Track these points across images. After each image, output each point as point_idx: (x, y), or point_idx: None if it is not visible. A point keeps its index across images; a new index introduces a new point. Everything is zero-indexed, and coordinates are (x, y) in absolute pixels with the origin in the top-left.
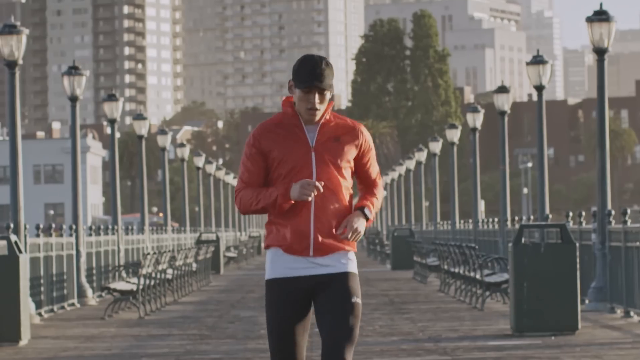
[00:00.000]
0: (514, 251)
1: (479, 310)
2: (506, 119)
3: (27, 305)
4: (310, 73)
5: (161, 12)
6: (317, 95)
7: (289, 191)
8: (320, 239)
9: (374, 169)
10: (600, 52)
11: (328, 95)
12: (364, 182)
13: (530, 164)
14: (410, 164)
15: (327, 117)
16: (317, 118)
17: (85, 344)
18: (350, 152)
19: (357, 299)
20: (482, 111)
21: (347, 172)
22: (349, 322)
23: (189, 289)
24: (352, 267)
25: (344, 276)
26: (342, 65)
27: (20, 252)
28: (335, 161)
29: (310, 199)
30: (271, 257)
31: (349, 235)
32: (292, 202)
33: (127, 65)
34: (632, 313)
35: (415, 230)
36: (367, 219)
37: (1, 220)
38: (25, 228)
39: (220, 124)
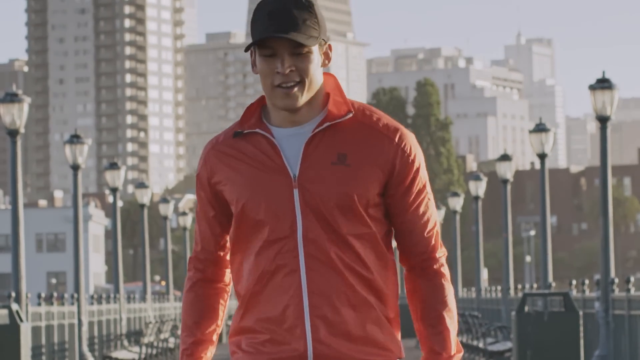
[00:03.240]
0: (517, 319)
1: None
2: (509, 187)
3: None
4: (272, 15)
5: (163, 80)
6: (287, 58)
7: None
8: None
9: (426, 218)
10: (602, 120)
11: (316, 57)
12: (406, 251)
13: (533, 232)
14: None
15: (327, 110)
16: (299, 104)
17: None
18: (373, 183)
19: None
20: (485, 179)
21: (377, 222)
22: None
23: None
24: None
25: None
26: None
27: (21, 321)
28: (343, 205)
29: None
30: None
31: None
32: None
33: (129, 133)
34: None
35: None
36: None
37: (2, 288)
38: (26, 297)
39: None
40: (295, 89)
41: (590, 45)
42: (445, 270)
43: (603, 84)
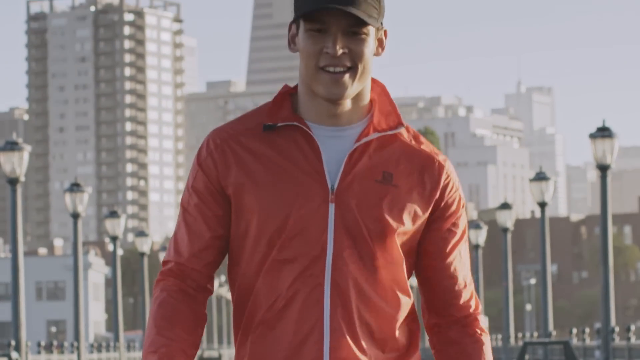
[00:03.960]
0: None
1: None
2: (509, 235)
3: None
4: None
5: (163, 129)
6: (341, 37)
7: None
8: None
9: (467, 265)
10: (603, 169)
11: (372, 43)
12: (442, 304)
13: (533, 280)
14: (413, 281)
15: (372, 117)
16: (346, 95)
17: None
18: (419, 211)
19: None
20: (485, 228)
21: (408, 258)
22: None
23: None
24: None
25: None
26: None
27: None
28: (383, 230)
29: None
30: None
31: None
32: None
33: (129, 182)
34: None
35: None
36: None
37: (2, 337)
38: (26, 345)
39: None
40: (346, 75)
41: (590, 93)
42: (484, 323)
43: (603, 132)
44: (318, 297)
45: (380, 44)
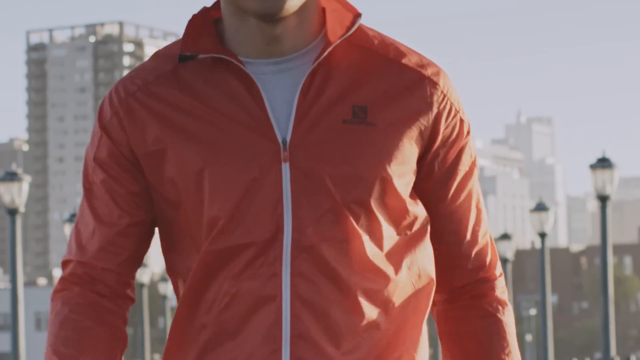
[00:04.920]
0: None
1: None
2: (509, 266)
3: None
4: None
5: None
6: None
7: None
8: None
9: (478, 214)
10: (603, 199)
11: None
12: (447, 267)
13: (533, 311)
14: None
15: (326, 31)
16: (285, 9)
17: None
18: (409, 154)
19: None
20: None
21: (413, 205)
22: None
23: None
24: None
25: None
26: None
27: None
28: (364, 192)
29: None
30: None
31: None
32: None
33: None
34: None
35: None
36: None
37: None
38: None
39: None
40: None
41: (590, 123)
42: (507, 297)
43: (603, 163)
44: (273, 293)
45: None
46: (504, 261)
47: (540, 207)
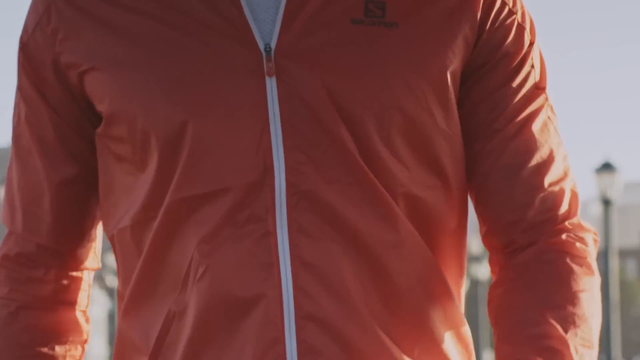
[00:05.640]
0: None
1: None
2: None
3: None
4: None
5: None
6: None
7: None
8: None
9: (540, 136)
10: (606, 203)
11: None
12: (498, 202)
13: None
14: None
15: None
16: None
17: None
18: (439, 65)
19: None
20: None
21: (452, 134)
22: None
23: None
24: None
25: None
26: None
27: None
28: (383, 116)
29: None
30: None
31: None
32: None
33: None
34: None
35: None
36: None
37: None
38: None
39: None
40: None
41: (594, 127)
42: (593, 251)
43: (607, 167)
44: (268, 258)
45: None
46: None
47: None
